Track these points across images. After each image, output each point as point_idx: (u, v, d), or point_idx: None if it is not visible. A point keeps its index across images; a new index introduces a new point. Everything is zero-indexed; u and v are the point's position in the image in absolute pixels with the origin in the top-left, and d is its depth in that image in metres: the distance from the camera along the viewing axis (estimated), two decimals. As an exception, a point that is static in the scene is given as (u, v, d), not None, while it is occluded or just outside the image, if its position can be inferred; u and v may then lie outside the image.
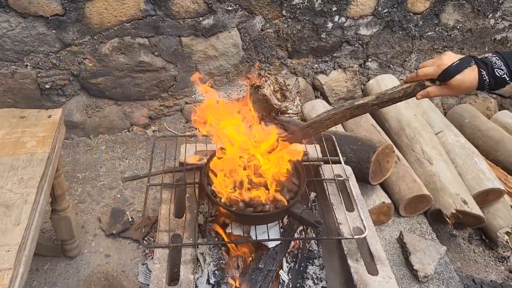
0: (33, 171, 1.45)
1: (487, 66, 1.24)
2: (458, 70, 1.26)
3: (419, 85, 1.37)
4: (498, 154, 2.76)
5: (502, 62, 1.23)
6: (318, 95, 3.25)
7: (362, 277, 1.53)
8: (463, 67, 1.26)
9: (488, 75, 1.24)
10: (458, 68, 1.26)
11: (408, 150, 2.61)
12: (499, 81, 1.24)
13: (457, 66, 1.26)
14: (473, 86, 1.27)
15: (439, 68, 1.29)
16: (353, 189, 1.86)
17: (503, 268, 2.38)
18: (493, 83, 1.24)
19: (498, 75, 1.23)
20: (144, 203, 1.70)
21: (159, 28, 2.65)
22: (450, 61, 1.28)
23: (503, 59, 1.23)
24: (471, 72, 1.26)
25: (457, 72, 1.26)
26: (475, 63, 1.26)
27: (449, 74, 1.28)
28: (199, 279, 1.71)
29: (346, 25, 2.95)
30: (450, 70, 1.27)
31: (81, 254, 2.15)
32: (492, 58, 1.25)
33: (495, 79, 1.24)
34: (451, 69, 1.27)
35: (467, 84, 1.27)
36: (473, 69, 1.26)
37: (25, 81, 2.61)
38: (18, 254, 1.19)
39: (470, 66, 1.26)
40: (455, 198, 2.30)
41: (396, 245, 2.28)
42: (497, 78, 1.23)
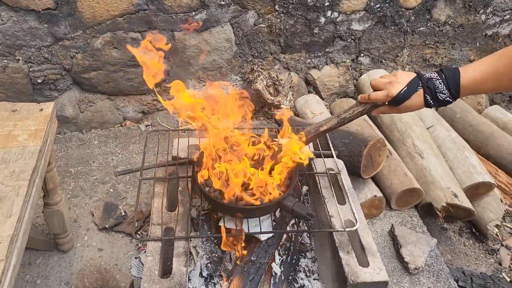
0: (24, 164, 1.45)
1: (431, 90, 1.32)
2: (406, 97, 1.35)
3: (373, 106, 1.49)
4: (489, 149, 2.78)
5: (445, 85, 1.30)
6: (311, 90, 3.26)
7: (353, 269, 1.55)
8: (410, 94, 1.35)
9: (432, 99, 1.33)
10: (405, 95, 1.35)
11: (400, 144, 2.63)
12: (442, 103, 1.32)
13: (404, 94, 1.35)
14: (420, 107, 1.37)
15: (388, 97, 1.38)
16: (344, 183, 1.87)
17: (493, 260, 2.41)
18: (437, 104, 1.34)
19: (441, 98, 1.31)
20: (137, 197, 1.71)
21: (152, 22, 2.64)
22: (399, 88, 1.36)
23: (446, 83, 1.30)
24: (418, 98, 1.35)
25: (405, 99, 1.36)
26: (421, 87, 1.34)
27: (398, 101, 1.37)
28: (191, 272, 1.72)
29: (339, 20, 2.97)
30: (398, 98, 1.36)
31: (74, 248, 2.15)
32: (435, 82, 1.32)
33: (438, 101, 1.32)
34: (399, 97, 1.36)
35: (414, 107, 1.38)
36: (419, 94, 1.34)
37: (17, 76, 2.60)
38: (9, 246, 1.19)
39: (416, 91, 1.34)
40: (445, 191, 2.32)
41: (387, 238, 2.30)
42: (439, 100, 1.32)
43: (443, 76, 1.31)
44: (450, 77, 1.29)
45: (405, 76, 1.38)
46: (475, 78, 1.25)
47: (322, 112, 2.88)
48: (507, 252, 2.44)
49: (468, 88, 1.27)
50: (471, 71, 1.26)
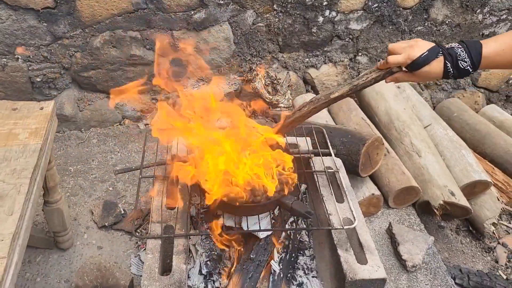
0: (25, 162, 1.46)
1: (452, 58, 1.30)
2: (426, 62, 1.32)
3: (388, 72, 1.44)
4: (486, 147, 2.81)
5: (467, 54, 1.28)
6: (309, 89, 3.27)
7: (352, 266, 1.56)
8: (431, 59, 1.32)
9: (452, 67, 1.30)
10: (426, 60, 1.32)
11: (397, 143, 2.65)
12: (462, 72, 1.30)
13: (425, 58, 1.32)
14: (438, 76, 1.34)
15: (408, 59, 1.34)
16: (343, 181, 1.89)
17: (490, 258, 2.43)
18: (457, 74, 1.31)
19: (461, 67, 1.29)
20: (137, 195, 1.72)
21: (151, 21, 2.65)
22: (419, 52, 1.33)
23: (468, 51, 1.28)
24: (438, 64, 1.32)
25: (425, 64, 1.32)
26: (442, 54, 1.31)
27: (417, 65, 1.33)
28: (191, 269, 1.74)
29: (337, 20, 2.98)
30: (418, 62, 1.33)
31: (74, 246, 2.16)
32: (457, 50, 1.30)
33: (459, 71, 1.30)
34: (419, 61, 1.32)
35: (433, 75, 1.34)
36: (439, 60, 1.31)
37: (16, 74, 2.60)
38: (12, 243, 1.20)
39: (437, 57, 1.31)
40: (443, 190, 2.34)
41: (385, 236, 2.32)
42: (460, 69, 1.29)
43: (465, 45, 1.30)
44: (472, 46, 1.28)
45: (425, 43, 1.35)
46: (495, 48, 1.25)
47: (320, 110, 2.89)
48: (504, 250, 2.47)
49: (489, 58, 1.26)
50: (492, 42, 1.26)
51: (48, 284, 2.00)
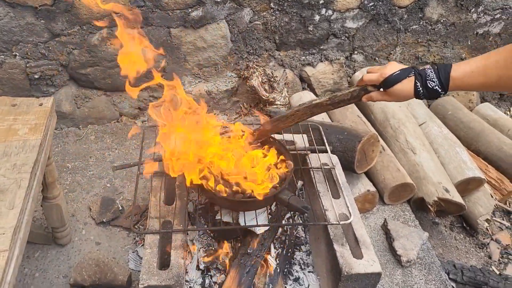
0: (26, 157, 1.47)
1: (422, 77, 1.35)
2: (397, 80, 1.38)
3: (363, 89, 1.52)
4: (479, 145, 2.84)
5: (435, 74, 1.33)
6: (305, 86, 3.29)
7: (348, 261, 1.58)
8: (402, 78, 1.38)
9: (421, 86, 1.35)
10: (398, 78, 1.38)
11: (393, 140, 2.68)
12: (432, 92, 1.34)
13: (397, 76, 1.39)
14: (409, 95, 1.39)
15: (381, 76, 1.42)
16: (339, 177, 1.91)
17: (483, 254, 2.46)
18: (426, 93, 1.36)
19: (430, 86, 1.34)
20: (135, 191, 1.74)
21: (148, 19, 2.66)
22: (391, 71, 1.40)
23: (437, 72, 1.33)
24: (408, 83, 1.37)
25: (396, 82, 1.38)
26: (413, 75, 1.37)
27: (389, 82, 1.40)
28: (189, 265, 1.76)
29: (333, 18, 3.00)
30: (390, 79, 1.39)
31: (72, 242, 2.17)
32: (427, 71, 1.35)
33: (428, 90, 1.34)
34: (391, 78, 1.39)
35: (404, 93, 1.39)
36: (410, 80, 1.37)
37: (13, 71, 2.61)
38: (13, 236, 1.22)
39: (408, 77, 1.38)
40: (437, 186, 2.37)
41: (380, 231, 2.34)
42: (429, 89, 1.34)
43: (435, 66, 1.35)
44: (441, 68, 1.32)
45: (399, 65, 1.42)
46: (465, 70, 1.28)
47: (316, 108, 2.91)
48: (497, 246, 2.50)
49: (457, 79, 1.29)
50: (462, 64, 1.30)
51: (47, 279, 2.01)
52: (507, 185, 2.64)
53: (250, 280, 1.72)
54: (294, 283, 1.81)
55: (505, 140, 2.78)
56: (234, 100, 3.18)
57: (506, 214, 2.72)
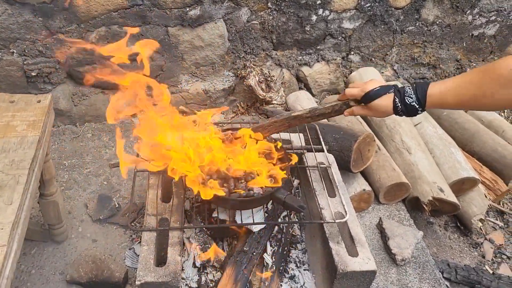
0: (24, 153, 1.48)
1: (400, 94, 1.42)
2: (377, 96, 1.46)
3: (345, 104, 1.58)
4: (474, 146, 2.86)
5: (413, 91, 1.39)
6: (302, 86, 3.31)
7: (343, 258, 1.60)
8: (382, 93, 1.46)
9: (400, 102, 1.42)
10: (377, 94, 1.46)
11: (388, 140, 2.69)
12: (409, 108, 1.40)
13: (377, 92, 1.46)
14: (388, 109, 1.46)
15: (362, 91, 1.49)
16: (335, 176, 1.92)
17: (477, 253, 2.48)
18: (405, 109, 1.41)
19: (407, 102, 1.40)
20: (132, 189, 1.74)
21: (146, 17, 2.67)
22: (372, 87, 1.47)
23: (415, 89, 1.39)
24: (388, 99, 1.44)
25: (376, 97, 1.46)
26: (393, 92, 1.44)
27: (369, 97, 1.47)
28: (185, 262, 1.76)
29: (330, 18, 3.02)
30: (370, 94, 1.47)
31: (68, 239, 2.18)
32: (406, 88, 1.42)
33: (406, 106, 1.40)
34: (371, 93, 1.47)
35: (383, 108, 1.46)
36: (389, 96, 1.44)
37: (11, 68, 2.61)
38: (11, 232, 1.23)
39: (388, 93, 1.45)
40: (432, 186, 2.39)
41: (375, 230, 2.36)
42: (407, 105, 1.40)
43: (414, 85, 1.41)
44: (419, 86, 1.39)
45: (380, 82, 1.50)
46: (441, 88, 1.34)
47: (313, 108, 2.93)
48: (490, 245, 2.53)
49: (434, 96, 1.35)
50: (439, 83, 1.35)
51: (43, 276, 2.01)
52: (501, 186, 2.66)
53: (246, 278, 1.73)
54: (290, 281, 1.82)
55: (500, 141, 2.81)
56: (231, 99, 3.19)
57: (500, 214, 2.74)
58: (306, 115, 1.67)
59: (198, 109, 3.11)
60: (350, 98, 1.56)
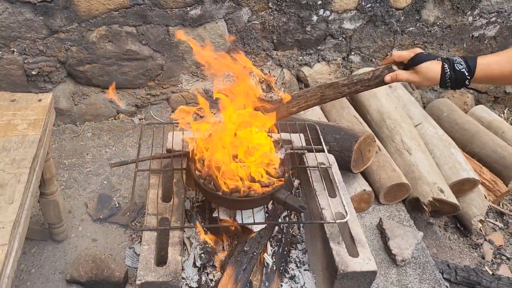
0: (25, 152, 1.48)
1: (450, 62, 1.43)
2: (427, 58, 1.46)
3: (387, 68, 1.53)
4: (474, 146, 2.86)
5: (462, 60, 1.42)
6: (302, 86, 3.31)
7: (343, 259, 1.60)
8: (431, 58, 1.46)
9: (449, 69, 1.42)
10: (427, 57, 1.47)
11: (389, 141, 2.70)
12: (459, 76, 1.41)
13: (427, 55, 1.48)
14: (436, 76, 1.45)
15: (412, 52, 1.50)
16: (335, 176, 1.93)
17: (476, 254, 2.49)
18: (453, 76, 1.42)
19: (457, 68, 1.40)
20: (132, 188, 1.74)
21: (147, 17, 2.67)
22: (421, 50, 1.49)
23: (464, 58, 1.42)
24: (437, 64, 1.45)
25: (426, 60, 1.46)
26: (441, 60, 1.45)
27: (419, 58, 1.47)
28: (185, 262, 1.76)
29: (331, 19, 3.02)
30: (421, 55, 1.48)
31: (68, 238, 2.17)
32: (454, 57, 1.44)
33: (455, 73, 1.41)
34: (422, 55, 1.48)
35: (432, 73, 1.45)
36: (438, 62, 1.46)
37: (11, 67, 2.60)
38: (12, 231, 1.23)
39: (437, 59, 1.46)
40: (432, 187, 2.39)
41: (375, 231, 2.36)
42: (456, 71, 1.41)
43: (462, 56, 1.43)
44: (468, 57, 1.40)
45: None
46: (491, 59, 1.36)
47: (313, 108, 2.93)
48: (490, 246, 2.53)
49: (484, 65, 1.36)
50: (488, 55, 1.38)
51: (43, 275, 2.01)
52: (500, 187, 2.67)
53: (247, 278, 1.73)
54: (290, 281, 1.82)
55: (499, 142, 2.81)
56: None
57: (499, 215, 2.75)
58: (343, 83, 1.57)
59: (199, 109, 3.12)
60: (397, 60, 1.53)
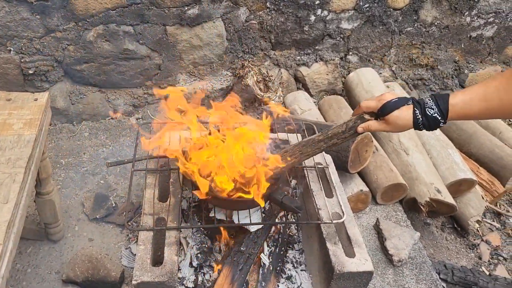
0: (20, 152, 1.47)
1: (420, 105, 1.33)
2: (396, 106, 1.36)
3: (359, 118, 1.48)
4: (471, 147, 2.86)
5: (433, 103, 1.31)
6: (300, 86, 3.31)
7: (340, 259, 1.59)
8: (400, 104, 1.36)
9: (420, 114, 1.32)
10: (396, 104, 1.36)
11: (386, 141, 2.70)
12: (431, 120, 1.31)
13: (395, 102, 1.37)
14: (408, 123, 1.35)
15: (379, 102, 1.40)
16: (332, 176, 1.92)
17: (473, 255, 2.49)
18: (426, 121, 1.32)
19: (429, 113, 1.31)
20: (129, 188, 1.74)
21: (144, 16, 2.66)
22: (390, 98, 1.39)
23: (435, 100, 1.31)
24: (407, 110, 1.35)
25: (395, 108, 1.36)
26: (412, 103, 1.35)
27: (387, 108, 1.37)
28: (182, 262, 1.76)
29: (328, 19, 3.02)
30: (389, 105, 1.37)
31: (65, 238, 2.17)
32: (425, 99, 1.33)
33: (427, 118, 1.31)
34: (389, 104, 1.37)
35: (402, 121, 1.36)
36: (409, 107, 1.35)
37: (8, 66, 2.60)
38: (7, 231, 1.22)
39: (407, 104, 1.36)
40: (429, 187, 2.39)
41: (372, 231, 2.36)
42: (428, 116, 1.31)
43: (433, 96, 1.33)
44: (439, 96, 1.31)
45: (397, 94, 1.41)
46: (463, 98, 1.26)
47: (310, 108, 2.93)
48: (487, 247, 2.53)
49: (457, 105, 1.27)
50: (460, 93, 1.28)
51: (39, 275, 2.00)
52: (498, 187, 2.67)
53: (243, 278, 1.72)
54: (287, 281, 1.82)
55: (497, 143, 2.81)
56: (229, 99, 3.18)
57: (497, 215, 2.75)
58: (318, 139, 1.57)
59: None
60: (365, 111, 1.46)
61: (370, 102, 1.44)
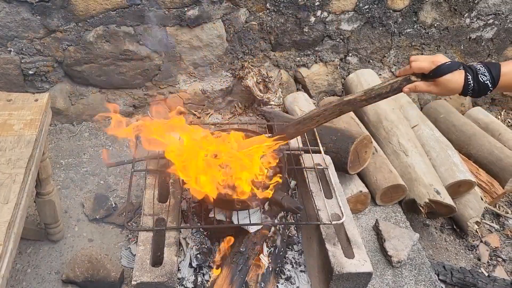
0: (20, 152, 1.48)
1: (473, 71, 1.33)
2: (449, 70, 1.35)
3: (405, 79, 1.44)
4: (471, 148, 2.87)
5: (486, 70, 1.32)
6: (300, 87, 3.31)
7: (339, 260, 1.60)
8: (453, 68, 1.35)
9: (472, 80, 1.33)
10: (450, 67, 1.35)
11: (385, 142, 2.70)
12: (482, 87, 1.32)
13: (449, 66, 1.35)
14: (458, 87, 1.35)
15: (433, 63, 1.37)
16: (332, 177, 1.93)
17: (472, 256, 2.49)
18: (477, 88, 1.33)
19: (481, 80, 1.32)
20: (129, 188, 1.75)
21: (145, 17, 2.66)
22: (443, 60, 1.36)
23: (487, 67, 1.32)
24: (459, 75, 1.34)
25: (448, 71, 1.35)
26: (463, 69, 1.35)
27: (441, 71, 1.35)
28: (181, 262, 1.76)
29: (328, 20, 3.02)
30: (443, 67, 1.35)
31: (64, 238, 2.17)
32: (477, 66, 1.34)
33: (479, 84, 1.32)
34: (444, 66, 1.35)
35: (454, 84, 1.35)
36: (461, 72, 1.34)
37: (8, 67, 2.60)
38: (7, 231, 1.22)
39: (459, 69, 1.35)
40: (428, 188, 2.40)
41: (372, 232, 2.36)
42: (480, 83, 1.32)
43: (484, 63, 1.34)
44: (491, 64, 1.32)
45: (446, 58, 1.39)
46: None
47: (310, 109, 2.93)
48: (486, 248, 2.53)
49: (508, 74, 1.29)
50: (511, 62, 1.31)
51: (39, 275, 2.01)
52: (497, 188, 2.67)
53: (242, 279, 1.73)
54: (286, 282, 1.82)
55: (496, 144, 2.82)
56: (228, 100, 3.19)
57: (496, 217, 2.75)
58: (361, 98, 1.50)
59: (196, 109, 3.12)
60: (416, 72, 1.42)
61: (422, 63, 1.40)
